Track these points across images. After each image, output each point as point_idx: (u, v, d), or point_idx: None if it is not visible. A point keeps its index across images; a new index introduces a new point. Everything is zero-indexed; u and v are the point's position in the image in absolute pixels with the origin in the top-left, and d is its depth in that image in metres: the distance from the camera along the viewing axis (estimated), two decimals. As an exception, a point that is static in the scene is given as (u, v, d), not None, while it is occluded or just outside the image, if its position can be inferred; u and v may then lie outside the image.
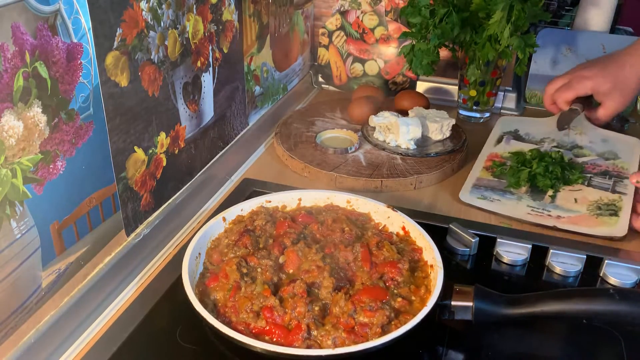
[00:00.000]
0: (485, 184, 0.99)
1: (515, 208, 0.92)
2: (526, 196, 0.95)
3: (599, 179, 1.00)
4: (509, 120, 1.22)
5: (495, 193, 0.96)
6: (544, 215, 0.90)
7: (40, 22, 0.58)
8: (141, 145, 0.78)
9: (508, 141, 1.13)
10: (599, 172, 1.02)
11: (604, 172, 1.02)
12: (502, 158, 1.07)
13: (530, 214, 0.91)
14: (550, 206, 0.93)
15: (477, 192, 0.97)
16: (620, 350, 0.67)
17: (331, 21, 1.38)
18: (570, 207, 0.93)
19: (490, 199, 0.95)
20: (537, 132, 1.16)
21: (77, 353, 0.67)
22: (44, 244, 0.64)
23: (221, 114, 1.01)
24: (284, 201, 0.85)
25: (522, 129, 1.17)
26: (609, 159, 1.06)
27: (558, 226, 0.88)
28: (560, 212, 0.92)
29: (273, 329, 0.64)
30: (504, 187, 0.98)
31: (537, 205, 0.93)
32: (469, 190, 0.97)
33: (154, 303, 0.73)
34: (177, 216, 0.89)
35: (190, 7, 0.84)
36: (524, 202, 0.94)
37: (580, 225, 0.88)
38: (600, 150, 1.08)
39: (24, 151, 0.58)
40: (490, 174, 1.02)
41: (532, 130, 1.17)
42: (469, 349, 0.69)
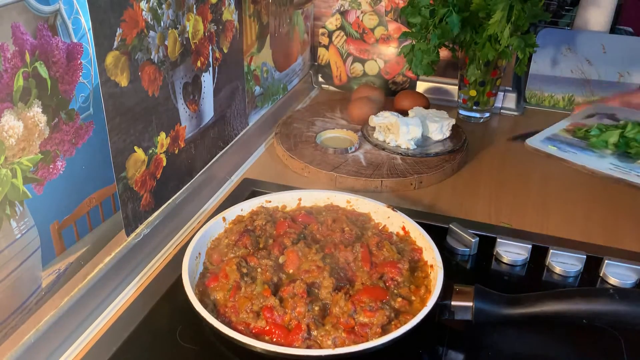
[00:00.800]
0: (562, 139, 0.93)
1: (594, 162, 0.86)
2: (611, 157, 0.89)
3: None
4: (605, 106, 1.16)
5: (573, 148, 0.90)
6: (631, 174, 0.82)
7: (40, 22, 0.58)
8: (141, 145, 0.78)
9: (601, 118, 1.05)
10: None
11: None
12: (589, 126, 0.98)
13: (613, 169, 0.84)
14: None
15: (550, 143, 0.91)
16: (620, 350, 0.67)
17: (331, 21, 1.38)
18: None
19: (565, 150, 0.89)
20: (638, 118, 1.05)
21: (77, 353, 0.67)
22: (44, 244, 0.64)
23: (221, 114, 1.01)
24: (284, 201, 0.85)
25: (620, 114, 1.09)
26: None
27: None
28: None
29: (273, 329, 0.64)
30: (584, 145, 0.92)
31: (624, 165, 0.85)
32: (540, 140, 0.92)
33: (154, 303, 0.73)
34: (177, 216, 0.89)
35: (190, 7, 0.84)
36: (608, 159, 0.87)
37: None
38: None
39: (24, 151, 0.58)
40: (570, 135, 0.96)
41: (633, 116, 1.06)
42: (469, 349, 0.68)
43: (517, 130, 1.23)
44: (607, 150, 0.91)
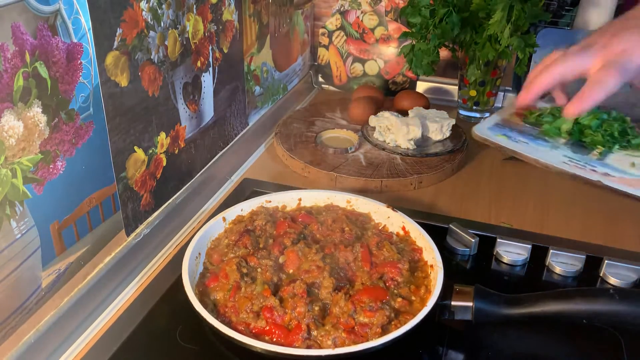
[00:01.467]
0: (512, 126, 0.79)
1: (547, 154, 0.74)
2: (565, 147, 0.76)
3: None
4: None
5: (524, 136, 0.77)
6: (586, 169, 0.71)
7: (40, 22, 0.58)
8: (141, 145, 0.78)
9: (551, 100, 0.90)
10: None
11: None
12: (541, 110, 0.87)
13: (567, 163, 0.72)
14: (597, 163, 0.73)
15: (499, 131, 0.78)
16: (621, 350, 0.67)
17: (331, 21, 1.38)
18: (624, 169, 0.73)
19: (515, 140, 0.76)
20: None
21: (77, 353, 0.67)
22: (44, 244, 0.64)
23: (221, 114, 1.01)
24: (284, 201, 0.85)
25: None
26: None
27: (604, 182, 0.69)
28: (610, 170, 0.71)
29: (273, 329, 0.64)
30: (536, 133, 0.79)
31: (579, 158, 0.74)
32: (487, 127, 0.79)
33: (154, 303, 0.73)
34: (177, 216, 0.89)
35: (190, 7, 0.84)
36: (561, 151, 0.75)
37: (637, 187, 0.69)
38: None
39: (24, 151, 0.58)
40: (520, 120, 0.83)
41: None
42: (469, 349, 0.68)
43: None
44: (561, 139, 0.79)
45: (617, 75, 0.69)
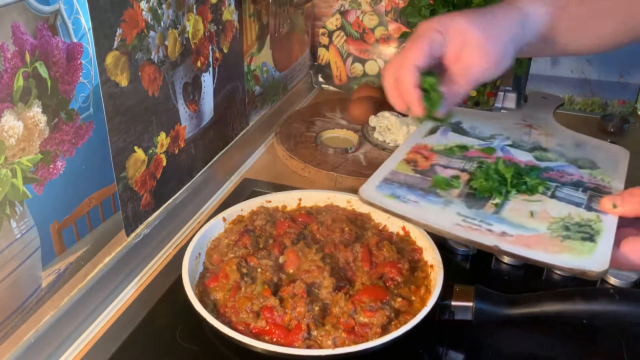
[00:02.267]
0: (402, 179, 0.70)
1: (439, 215, 0.65)
2: (458, 201, 0.67)
3: (569, 190, 0.70)
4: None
5: (414, 192, 0.68)
6: (482, 229, 0.62)
7: (40, 22, 0.58)
8: (141, 145, 0.78)
9: (445, 133, 0.83)
10: (570, 182, 0.72)
11: (576, 183, 0.71)
12: (433, 152, 0.77)
13: (461, 225, 0.63)
14: (493, 218, 0.64)
15: (388, 189, 0.68)
16: (621, 350, 0.67)
17: (331, 21, 1.38)
18: (522, 223, 0.64)
19: (405, 200, 0.67)
20: (487, 126, 0.86)
21: (77, 353, 0.67)
22: (44, 244, 0.64)
23: (221, 114, 1.01)
24: (284, 201, 0.85)
25: (466, 122, 0.87)
26: (584, 167, 0.76)
27: (501, 247, 0.60)
28: (507, 227, 0.63)
29: (273, 329, 0.64)
30: (427, 186, 0.70)
31: (473, 214, 0.65)
32: (375, 185, 0.69)
33: (154, 303, 0.73)
34: (177, 216, 0.89)
35: (190, 7, 0.84)
36: (454, 208, 0.66)
37: (536, 249, 0.60)
38: (572, 157, 0.78)
39: (24, 151, 0.58)
40: (411, 169, 0.73)
41: (481, 123, 0.86)
42: (469, 349, 0.68)
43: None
44: (454, 189, 0.69)
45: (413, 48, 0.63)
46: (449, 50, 0.64)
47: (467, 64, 0.64)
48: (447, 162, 0.75)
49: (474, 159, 0.76)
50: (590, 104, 1.31)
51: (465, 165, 0.74)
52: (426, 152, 0.77)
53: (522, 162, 0.75)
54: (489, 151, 0.78)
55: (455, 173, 0.72)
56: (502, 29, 0.64)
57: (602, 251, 0.59)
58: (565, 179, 0.72)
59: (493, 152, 0.78)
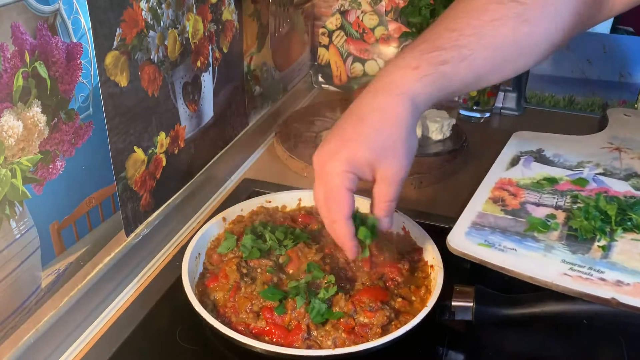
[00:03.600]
0: (492, 223, 0.66)
1: (542, 263, 0.60)
2: (560, 246, 0.62)
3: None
4: (529, 137, 0.88)
5: (509, 238, 0.63)
6: (593, 279, 0.57)
7: (40, 22, 0.58)
8: (141, 145, 0.78)
9: (528, 163, 0.78)
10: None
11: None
12: (520, 187, 0.72)
13: (569, 274, 0.58)
14: (603, 264, 0.59)
15: (479, 236, 0.64)
16: (621, 350, 0.67)
17: (331, 21, 1.38)
18: (637, 268, 0.58)
19: (500, 247, 0.62)
20: (572, 152, 0.80)
21: (77, 353, 0.67)
22: (44, 244, 0.63)
23: (221, 114, 1.00)
24: (284, 201, 0.85)
25: (548, 149, 0.82)
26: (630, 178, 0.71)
27: (620, 300, 0.55)
28: (621, 274, 0.57)
29: (273, 329, 0.64)
30: (523, 230, 0.65)
31: (580, 261, 0.59)
32: (464, 232, 0.65)
33: (154, 303, 0.73)
34: (177, 216, 0.89)
35: (190, 7, 0.84)
36: (558, 254, 0.61)
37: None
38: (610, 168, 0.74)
39: (24, 151, 0.58)
40: (500, 209, 0.68)
41: (564, 150, 0.81)
42: (469, 349, 0.68)
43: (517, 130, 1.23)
44: (554, 231, 0.64)
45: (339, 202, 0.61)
46: (364, 178, 0.62)
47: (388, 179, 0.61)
48: (538, 198, 0.70)
49: (566, 193, 0.71)
50: (591, 104, 1.31)
51: (558, 201, 0.69)
52: (512, 188, 0.72)
53: (620, 194, 0.69)
54: (581, 183, 0.73)
55: (549, 211, 0.67)
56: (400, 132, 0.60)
57: None
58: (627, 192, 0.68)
59: (586, 183, 0.72)
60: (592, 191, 0.70)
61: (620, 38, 1.27)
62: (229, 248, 0.74)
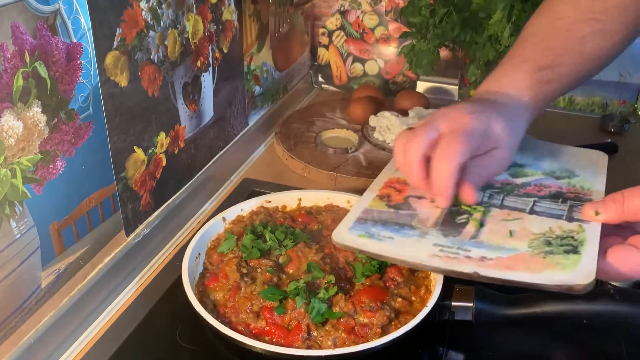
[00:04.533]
0: (375, 216, 0.68)
1: (415, 248, 0.62)
2: (434, 231, 0.64)
3: (548, 203, 0.67)
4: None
5: (388, 228, 0.65)
6: (460, 257, 0.60)
7: (40, 22, 0.58)
8: (141, 145, 0.78)
9: None
10: (548, 195, 0.69)
11: (555, 195, 0.69)
12: (406, 184, 0.73)
13: (438, 255, 0.61)
14: (471, 244, 0.62)
15: (361, 229, 0.66)
16: (621, 350, 0.67)
17: (331, 21, 1.38)
18: (501, 244, 0.62)
19: (379, 237, 0.64)
20: None
21: (77, 353, 0.67)
22: (44, 244, 0.64)
23: (221, 114, 1.01)
24: (284, 201, 0.85)
25: None
26: (562, 177, 0.73)
27: (480, 273, 0.58)
28: (486, 251, 0.61)
29: (273, 329, 0.64)
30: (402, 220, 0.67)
31: (450, 243, 0.62)
32: (348, 227, 0.67)
33: (154, 303, 0.73)
34: (177, 216, 0.89)
35: (190, 7, 0.84)
36: (430, 239, 0.63)
37: (517, 269, 0.58)
38: (549, 169, 0.75)
39: (24, 151, 0.58)
40: (384, 204, 0.70)
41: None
42: (469, 350, 0.68)
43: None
44: (429, 220, 0.67)
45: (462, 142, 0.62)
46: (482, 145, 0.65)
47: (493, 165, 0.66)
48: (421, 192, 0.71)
49: None
50: (591, 104, 1.31)
51: None
52: (399, 186, 0.74)
53: (497, 182, 0.72)
54: None
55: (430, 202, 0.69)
56: (519, 135, 0.68)
57: (587, 262, 0.56)
58: (544, 192, 0.70)
59: None
60: None
61: (620, 38, 1.27)
62: (229, 248, 0.74)
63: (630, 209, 0.57)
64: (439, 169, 0.63)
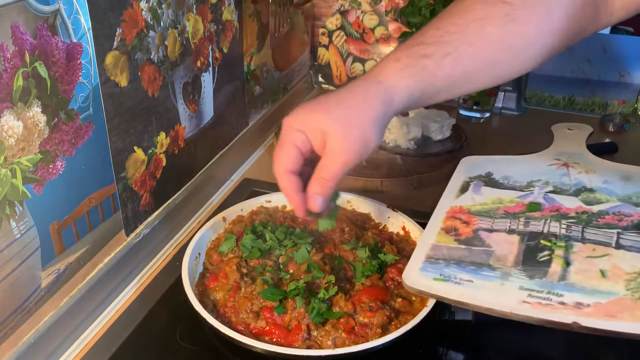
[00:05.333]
0: (447, 255, 0.64)
1: (500, 293, 0.58)
2: (517, 272, 0.60)
3: (634, 235, 0.62)
4: (477, 161, 0.86)
5: (464, 269, 0.62)
6: (553, 303, 0.55)
7: (40, 22, 0.58)
8: (141, 145, 0.78)
9: (478, 189, 0.77)
10: (632, 225, 0.63)
11: (638, 225, 0.63)
12: (472, 214, 0.70)
13: (528, 302, 0.56)
14: (561, 286, 0.57)
15: (433, 270, 0.62)
16: (621, 350, 0.67)
17: (331, 21, 1.38)
18: (595, 287, 0.57)
19: (457, 280, 0.60)
20: (521, 173, 0.79)
21: (77, 353, 0.67)
22: (44, 244, 0.63)
23: (221, 114, 1.01)
24: (284, 201, 0.85)
25: (497, 172, 0.80)
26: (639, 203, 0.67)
27: (581, 323, 0.53)
28: (580, 295, 0.56)
29: (273, 329, 0.64)
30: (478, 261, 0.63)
31: (538, 286, 0.58)
32: (419, 267, 0.63)
33: (154, 303, 0.73)
34: (177, 216, 0.89)
35: (190, 7, 0.84)
36: (515, 281, 0.59)
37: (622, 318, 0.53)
38: (624, 193, 0.69)
39: (24, 151, 0.58)
40: (453, 239, 0.67)
41: (513, 171, 0.80)
42: (469, 349, 0.68)
43: (517, 130, 1.23)
44: (509, 257, 0.63)
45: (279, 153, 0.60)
46: (314, 144, 0.60)
47: (333, 154, 0.60)
48: (491, 224, 0.68)
49: (518, 215, 0.69)
50: (591, 104, 1.31)
51: (511, 225, 0.68)
52: (464, 216, 0.70)
53: (572, 210, 0.69)
54: (535, 208, 0.71)
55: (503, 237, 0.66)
56: (363, 114, 0.60)
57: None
58: (625, 222, 0.65)
59: (539, 207, 0.71)
60: (544, 211, 0.70)
61: (620, 38, 1.27)
62: (229, 248, 0.74)
63: None
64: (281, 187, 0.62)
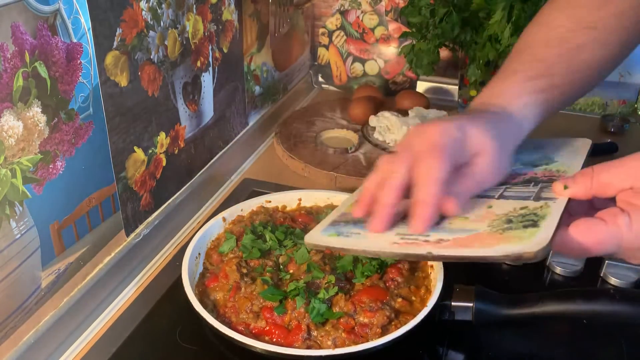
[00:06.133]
0: (349, 218, 0.67)
1: (378, 239, 0.61)
2: (401, 223, 0.63)
3: (519, 188, 0.65)
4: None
5: (357, 226, 0.64)
6: (418, 242, 0.58)
7: (40, 22, 0.58)
8: (141, 145, 0.78)
9: None
10: (521, 181, 0.66)
11: (528, 180, 0.66)
12: None
13: (398, 243, 0.59)
14: (432, 230, 0.60)
15: (333, 229, 0.66)
16: (621, 350, 0.67)
17: (331, 21, 1.38)
18: (461, 227, 0.60)
19: (347, 234, 0.64)
20: None
21: (77, 353, 0.67)
22: (44, 244, 0.63)
23: (221, 113, 1.01)
24: (284, 201, 0.85)
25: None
26: (539, 165, 0.70)
27: (434, 252, 0.56)
28: (445, 234, 0.59)
29: (273, 329, 0.64)
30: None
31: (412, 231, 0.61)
32: (322, 229, 0.67)
33: (154, 303, 0.73)
34: (177, 216, 0.89)
35: (190, 7, 0.84)
36: (394, 230, 0.62)
37: (471, 247, 0.56)
38: (529, 160, 0.73)
39: (24, 151, 0.58)
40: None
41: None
42: (469, 350, 0.68)
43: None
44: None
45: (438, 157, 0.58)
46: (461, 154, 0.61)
47: (479, 173, 0.61)
48: None
49: None
50: (590, 104, 1.31)
51: None
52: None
53: None
54: None
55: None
56: (508, 141, 0.64)
57: (544, 232, 0.53)
58: (517, 180, 0.67)
59: None
60: None
61: (620, 38, 1.27)
62: (229, 248, 0.74)
63: (599, 183, 0.55)
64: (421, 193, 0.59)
